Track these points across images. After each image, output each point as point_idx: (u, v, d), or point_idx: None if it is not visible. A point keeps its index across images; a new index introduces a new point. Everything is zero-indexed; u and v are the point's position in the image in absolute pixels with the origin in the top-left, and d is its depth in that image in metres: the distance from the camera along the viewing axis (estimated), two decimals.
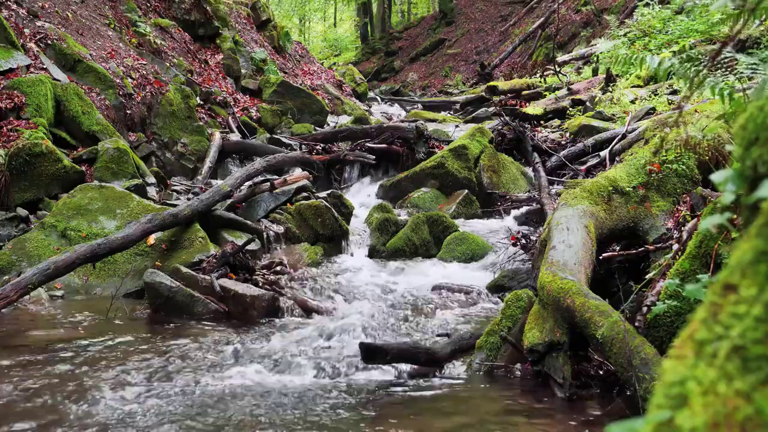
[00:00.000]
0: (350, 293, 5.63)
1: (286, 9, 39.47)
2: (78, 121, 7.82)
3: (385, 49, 33.54)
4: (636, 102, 11.00)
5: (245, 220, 6.66)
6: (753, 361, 0.63)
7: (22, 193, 6.67)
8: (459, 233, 6.99)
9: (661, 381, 0.69)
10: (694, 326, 0.70)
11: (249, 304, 5.05)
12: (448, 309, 5.28)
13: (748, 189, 0.84)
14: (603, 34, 19.16)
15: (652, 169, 5.05)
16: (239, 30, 14.58)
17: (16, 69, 7.69)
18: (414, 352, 3.86)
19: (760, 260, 0.68)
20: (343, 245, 7.20)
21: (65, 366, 3.89)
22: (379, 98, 21.65)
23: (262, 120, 12.11)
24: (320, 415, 3.28)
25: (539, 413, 3.31)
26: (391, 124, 11.37)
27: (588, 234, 4.34)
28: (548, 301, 3.63)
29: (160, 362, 3.99)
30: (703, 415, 0.62)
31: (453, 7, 32.44)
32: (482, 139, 9.21)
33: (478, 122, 12.12)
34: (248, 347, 4.30)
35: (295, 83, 14.11)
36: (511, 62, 24.08)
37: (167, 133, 9.41)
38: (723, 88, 3.37)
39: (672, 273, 3.56)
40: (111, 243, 5.33)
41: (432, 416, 3.30)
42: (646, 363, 2.91)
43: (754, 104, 0.84)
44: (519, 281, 5.57)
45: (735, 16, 2.34)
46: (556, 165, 9.30)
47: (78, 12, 10.10)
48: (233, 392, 3.56)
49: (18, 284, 4.69)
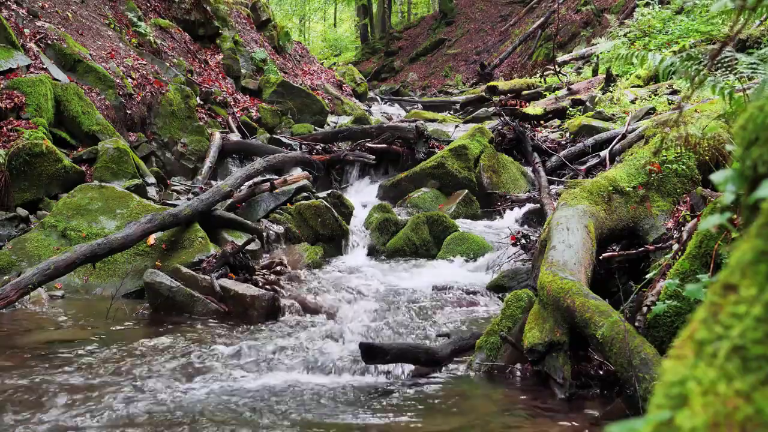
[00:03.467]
0: (350, 293, 5.63)
1: (286, 9, 39.46)
2: (78, 121, 7.82)
3: (385, 49, 33.54)
4: (636, 102, 11.01)
5: (245, 220, 6.65)
6: (753, 361, 0.63)
7: (22, 193, 6.67)
8: (459, 233, 6.99)
9: (661, 381, 0.69)
10: (694, 326, 0.70)
11: (249, 304, 5.05)
12: (448, 309, 5.28)
13: (748, 189, 0.84)
14: (603, 34, 19.16)
15: (652, 169, 5.05)
16: (239, 30, 14.58)
17: (16, 69, 7.68)
18: (414, 352, 3.86)
19: (760, 260, 0.68)
20: (343, 245, 7.20)
21: (65, 366, 3.89)
22: (379, 98, 21.64)
23: (262, 120, 12.10)
24: (320, 414, 3.28)
25: (539, 413, 3.31)
26: (391, 124, 11.37)
27: (588, 234, 4.34)
28: (548, 301, 3.63)
29: (160, 362, 3.99)
30: (703, 415, 0.62)
31: (453, 7, 32.44)
32: (482, 139, 9.21)
33: (478, 122, 12.10)
34: (248, 347, 4.30)
35: (295, 83, 14.11)
36: (511, 62, 24.09)
37: (167, 133, 9.41)
38: (723, 87, 3.37)
39: (672, 273, 3.56)
40: (111, 243, 5.33)
41: (432, 416, 3.30)
42: (646, 363, 2.91)
43: (754, 104, 0.84)
44: (519, 281, 5.57)
45: (735, 15, 2.33)
46: (556, 165, 9.30)
47: (78, 12, 10.10)
48: (233, 392, 3.56)
49: (18, 284, 4.69)
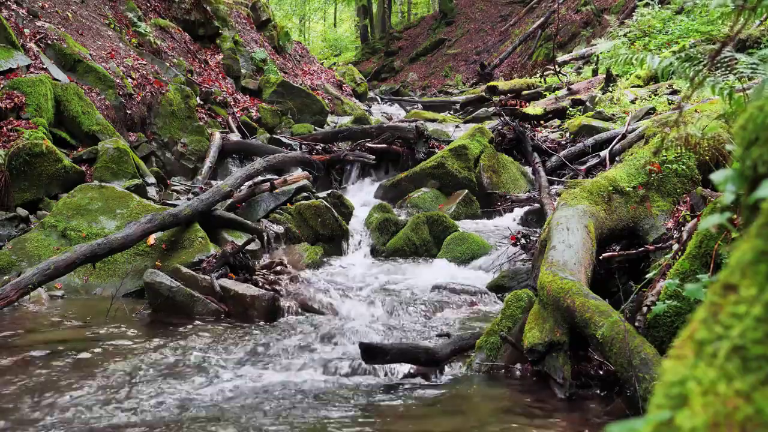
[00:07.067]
0: (350, 293, 5.63)
1: (286, 9, 39.46)
2: (78, 121, 7.82)
3: (385, 49, 33.54)
4: (636, 102, 11.01)
5: (245, 220, 6.65)
6: (753, 361, 0.63)
7: (22, 193, 6.67)
8: (459, 233, 6.98)
9: (661, 381, 0.69)
10: (694, 326, 0.70)
11: (249, 304, 5.05)
12: (448, 309, 5.28)
13: (748, 189, 0.84)
14: (603, 34, 19.15)
15: (652, 169, 5.05)
16: (239, 30, 14.57)
17: (16, 69, 7.68)
18: (414, 352, 3.86)
19: (760, 260, 0.68)
20: (343, 245, 7.20)
21: (65, 366, 3.89)
22: (379, 98, 21.63)
23: (262, 120, 12.10)
24: (320, 415, 3.28)
25: (539, 413, 3.31)
26: (391, 124, 11.37)
27: (588, 234, 4.34)
28: (548, 301, 3.63)
29: (160, 362, 3.99)
30: (703, 415, 0.62)
31: (453, 7, 32.44)
32: (482, 139, 9.21)
33: (478, 122, 12.10)
34: (248, 347, 4.30)
35: (295, 83, 14.11)
36: (511, 62, 24.09)
37: (167, 133, 9.41)
38: (723, 87, 3.37)
39: (672, 273, 3.56)
40: (111, 243, 5.33)
41: (432, 416, 3.30)
42: (646, 363, 2.91)
43: (754, 104, 0.84)
44: (519, 281, 5.57)
45: (735, 15, 2.34)
46: (556, 165, 9.30)
47: (78, 12, 10.10)
48: (233, 392, 3.56)
49: (18, 284, 4.69)
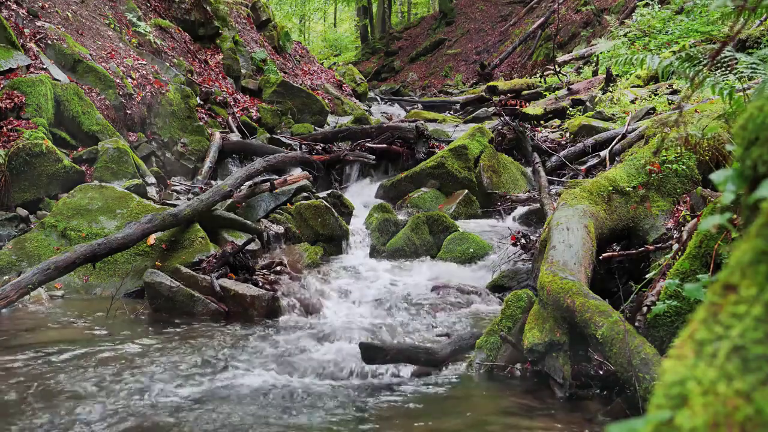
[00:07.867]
0: (350, 293, 5.63)
1: (286, 9, 39.45)
2: (78, 121, 7.82)
3: (385, 49, 33.53)
4: (636, 102, 11.00)
5: (245, 220, 6.65)
6: (753, 361, 0.63)
7: (22, 193, 6.67)
8: (459, 233, 6.98)
9: (661, 381, 0.69)
10: (694, 326, 0.70)
11: (249, 304, 5.06)
12: (448, 309, 5.28)
13: (748, 189, 0.84)
14: (603, 34, 19.15)
15: (652, 169, 5.05)
16: (239, 30, 14.58)
17: (16, 69, 7.68)
18: (414, 352, 3.87)
19: (760, 260, 0.68)
20: (343, 245, 7.20)
21: (65, 366, 3.89)
22: (379, 98, 21.64)
23: (262, 120, 12.10)
24: (320, 415, 3.28)
25: (539, 413, 3.31)
26: (391, 124, 11.36)
27: (588, 234, 4.34)
28: (548, 301, 3.63)
29: (160, 362, 3.99)
30: (703, 415, 0.62)
31: (453, 7, 32.44)
32: (482, 139, 9.21)
33: (478, 122, 12.10)
34: (248, 347, 4.30)
35: (295, 83, 14.11)
36: (511, 62, 24.10)
37: (167, 133, 9.41)
38: (723, 87, 3.37)
39: (672, 273, 3.56)
40: (111, 243, 5.33)
41: (432, 416, 3.30)
42: (646, 363, 2.91)
43: (753, 104, 0.84)
44: (519, 281, 5.56)
45: (735, 15, 2.34)
46: (556, 165, 9.30)
47: (78, 12, 10.10)
48: (233, 392, 3.56)
49: (18, 284, 4.69)
